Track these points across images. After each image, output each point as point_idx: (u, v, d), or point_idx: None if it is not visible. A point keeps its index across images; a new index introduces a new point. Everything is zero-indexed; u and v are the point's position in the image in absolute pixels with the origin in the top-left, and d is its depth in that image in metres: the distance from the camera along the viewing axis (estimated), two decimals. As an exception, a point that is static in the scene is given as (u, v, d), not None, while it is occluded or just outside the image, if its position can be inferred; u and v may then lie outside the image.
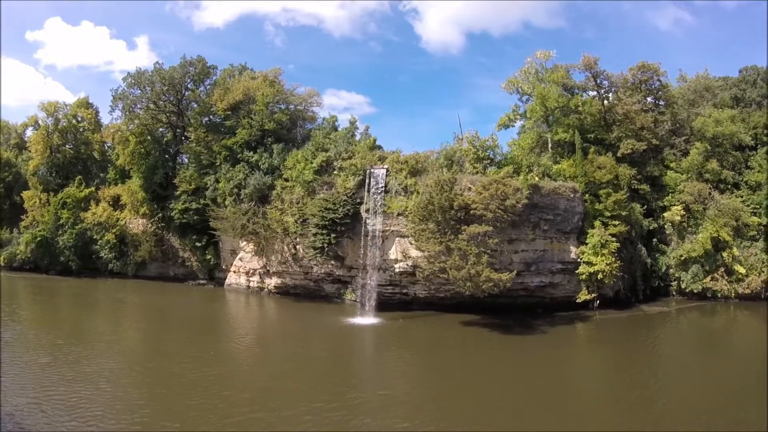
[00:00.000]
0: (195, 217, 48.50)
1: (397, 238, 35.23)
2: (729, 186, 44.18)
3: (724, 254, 41.08)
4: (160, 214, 52.46)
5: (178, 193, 49.23)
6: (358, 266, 38.56)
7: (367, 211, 35.23)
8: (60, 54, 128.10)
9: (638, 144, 42.35)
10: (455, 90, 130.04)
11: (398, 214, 34.22)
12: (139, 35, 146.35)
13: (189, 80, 51.24)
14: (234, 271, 48.66)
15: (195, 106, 51.97)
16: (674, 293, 43.27)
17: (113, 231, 53.75)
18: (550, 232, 36.36)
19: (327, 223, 35.40)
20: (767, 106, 47.17)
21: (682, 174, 44.77)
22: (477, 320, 33.11)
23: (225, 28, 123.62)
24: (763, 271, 40.44)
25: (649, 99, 46.25)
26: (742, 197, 43.23)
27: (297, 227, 38.63)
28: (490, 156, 35.64)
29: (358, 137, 42.59)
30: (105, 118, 63.78)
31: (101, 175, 62.76)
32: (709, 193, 43.24)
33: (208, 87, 51.87)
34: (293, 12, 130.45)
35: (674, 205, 43.55)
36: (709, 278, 41.41)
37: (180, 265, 53.68)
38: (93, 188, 57.83)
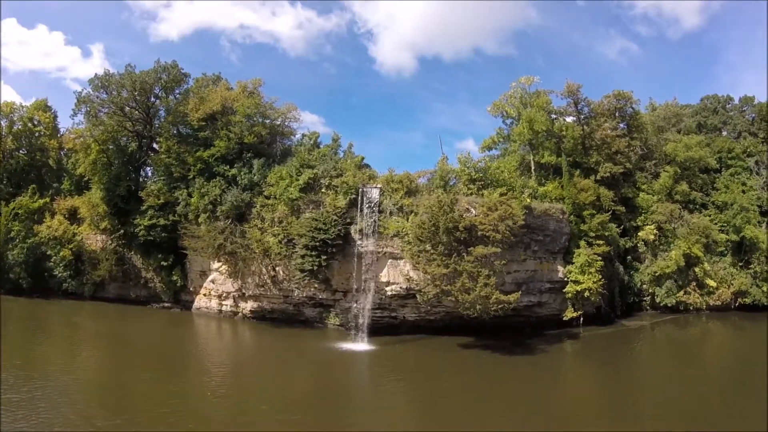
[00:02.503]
0: (162, 234, 45.04)
1: (390, 260, 34.07)
2: (697, 206, 46.87)
3: (696, 269, 43.29)
4: (122, 230, 48.39)
5: (144, 207, 45.51)
6: (344, 289, 36.98)
7: (360, 231, 33.87)
8: (13, 56, 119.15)
9: (615, 167, 43.96)
10: (408, 113, 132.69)
11: (393, 236, 33.11)
12: (94, 43, 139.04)
13: (158, 87, 48.03)
14: (204, 294, 45.50)
15: (163, 114, 48.84)
16: (647, 308, 45.24)
17: (69, 247, 48.95)
18: (539, 253, 36.60)
19: (317, 244, 33.62)
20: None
21: (654, 195, 46.90)
22: (474, 342, 32.52)
23: (180, 41, 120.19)
24: (732, 284, 42.87)
25: (621, 125, 48.21)
26: (710, 216, 45.85)
27: (281, 248, 36.53)
28: (482, 177, 35.37)
29: (340, 155, 41.40)
30: (62, 124, 59.19)
31: (55, 185, 57.51)
32: (680, 213, 45.40)
33: (178, 96, 48.94)
34: (250, 29, 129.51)
35: (647, 224, 45.43)
36: (682, 292, 43.63)
37: (142, 286, 49.56)
38: (47, 199, 52.71)
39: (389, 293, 34.50)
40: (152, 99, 48.62)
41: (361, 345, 32.41)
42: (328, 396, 24.12)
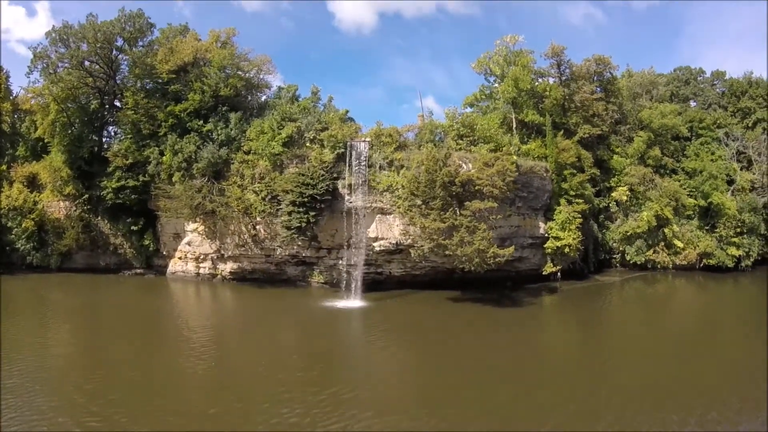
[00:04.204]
0: (132, 197, 42.73)
1: (379, 215, 33.67)
2: (668, 171, 48.67)
3: (666, 230, 45.18)
4: (87, 195, 45.51)
5: (110, 169, 42.84)
6: (330, 246, 36.45)
7: (349, 186, 33.14)
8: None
9: (593, 129, 44.83)
10: (368, 69, 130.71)
11: (384, 190, 32.60)
12: (39, 0, 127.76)
13: (121, 39, 44.66)
14: (180, 258, 43.85)
15: (126, 68, 45.69)
16: (617, 265, 47.10)
17: (31, 217, 45.50)
18: (523, 209, 37.23)
19: (306, 200, 32.62)
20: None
21: (627, 159, 48.27)
22: (463, 296, 32.96)
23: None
24: (698, 246, 45.06)
25: (597, 89, 48.91)
26: (679, 181, 47.72)
27: (264, 205, 35.34)
28: (469, 133, 35.17)
29: (320, 108, 40.05)
30: (14, 84, 54.18)
31: (9, 151, 53.02)
32: (651, 177, 47.08)
33: (142, 48, 45.69)
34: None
35: (620, 186, 46.86)
36: (651, 251, 45.53)
37: (112, 253, 47.04)
38: (4, 166, 48.59)
39: (377, 249, 34.25)
40: (115, 52, 45.40)
41: (355, 302, 32.02)
42: (341, 354, 23.69)
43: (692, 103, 56.38)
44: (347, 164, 33.35)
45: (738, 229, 45.79)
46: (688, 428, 15.18)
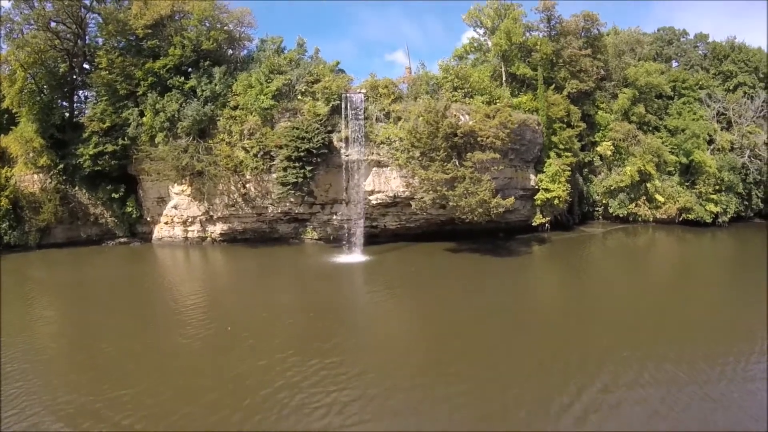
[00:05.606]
0: (112, 162, 40.84)
1: (375, 168, 33.28)
2: (651, 128, 49.68)
3: (648, 185, 46.46)
4: (62, 165, 43.06)
5: (86, 134, 40.68)
6: (325, 201, 36.00)
7: (345, 139, 32.50)
8: None
9: (580, 85, 45.19)
10: (337, 22, 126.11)
11: (381, 143, 32.13)
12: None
13: (89, -5, 41.81)
14: (166, 222, 42.54)
15: (93, 28, 43.14)
16: (600, 217, 48.54)
17: (5, 194, 42.57)
18: (515, 161, 37.54)
19: (302, 154, 31.81)
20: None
21: (611, 114, 48.99)
22: (460, 247, 33.32)
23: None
24: (678, 201, 46.58)
25: (584, 45, 48.96)
26: (662, 138, 48.84)
27: (256, 162, 34.38)
28: (463, 85, 34.85)
29: (307, 60, 38.77)
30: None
31: (-26, 127, 49.45)
32: (635, 133, 48.02)
33: (110, 3, 42.99)
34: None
35: (605, 141, 47.67)
36: (633, 204, 46.89)
37: (92, 224, 44.69)
38: (-32, 144, 45.34)
39: (374, 202, 34.03)
40: (83, 10, 42.60)
41: (356, 257, 31.73)
42: (362, 309, 23.59)
43: (674, 64, 57.34)
44: (343, 117, 32.63)
45: (717, 187, 46.97)
46: (685, 358, 16.15)
